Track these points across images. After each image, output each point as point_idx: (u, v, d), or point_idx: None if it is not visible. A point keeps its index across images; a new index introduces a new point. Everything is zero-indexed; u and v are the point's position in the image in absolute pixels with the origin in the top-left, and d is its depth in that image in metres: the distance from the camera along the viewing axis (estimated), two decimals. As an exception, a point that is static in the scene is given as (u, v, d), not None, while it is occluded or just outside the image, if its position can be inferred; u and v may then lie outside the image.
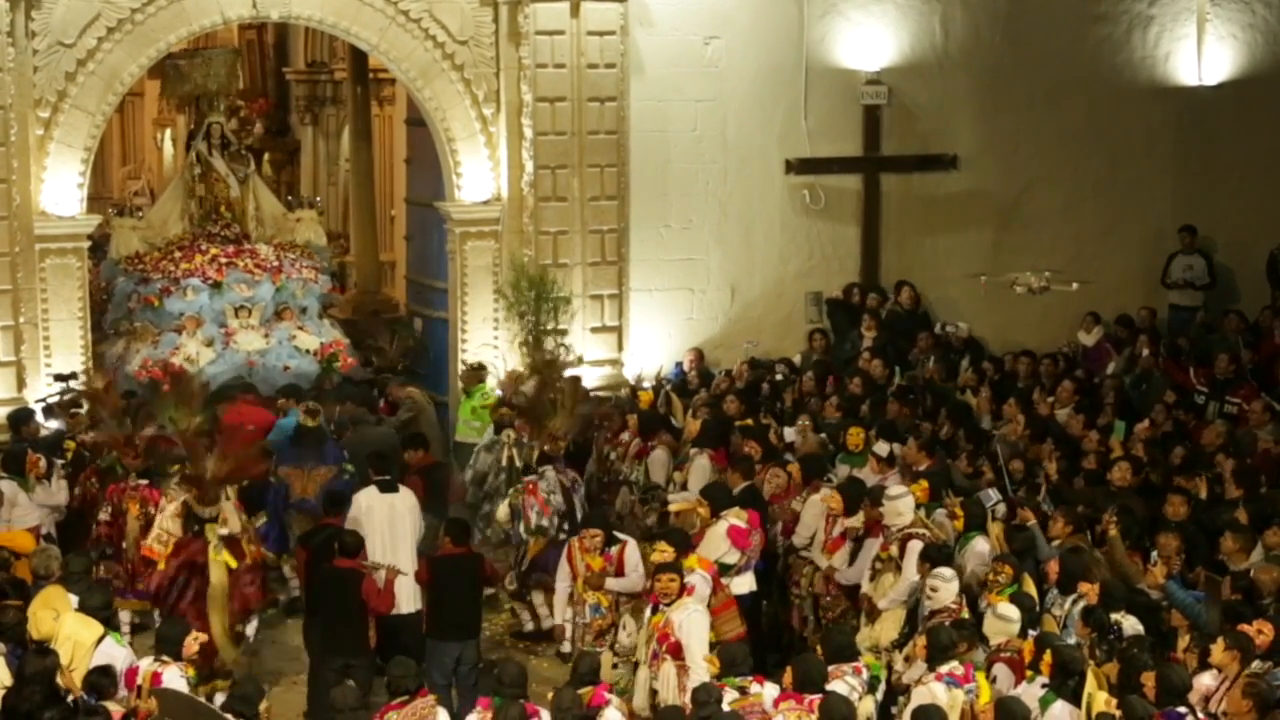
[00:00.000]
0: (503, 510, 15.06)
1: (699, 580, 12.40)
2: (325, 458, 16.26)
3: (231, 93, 23.89)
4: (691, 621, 11.73)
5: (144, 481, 14.66)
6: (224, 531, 13.11)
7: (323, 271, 20.38)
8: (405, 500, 14.30)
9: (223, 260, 19.47)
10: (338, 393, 17.87)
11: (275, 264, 19.66)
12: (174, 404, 14.27)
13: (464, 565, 13.33)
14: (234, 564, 13.00)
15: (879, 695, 11.31)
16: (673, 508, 14.63)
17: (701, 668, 11.51)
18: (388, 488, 14.28)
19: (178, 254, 19.65)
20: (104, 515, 14.74)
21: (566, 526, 14.71)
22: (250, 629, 13.50)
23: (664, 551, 12.51)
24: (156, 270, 19.44)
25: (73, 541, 14.75)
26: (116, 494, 14.71)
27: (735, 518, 13.45)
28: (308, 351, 19.10)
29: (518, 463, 15.54)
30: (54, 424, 16.75)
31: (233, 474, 13.40)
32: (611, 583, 13.08)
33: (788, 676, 10.83)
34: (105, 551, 14.65)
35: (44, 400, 17.10)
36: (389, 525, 14.03)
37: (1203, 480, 14.43)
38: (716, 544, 13.38)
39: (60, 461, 15.32)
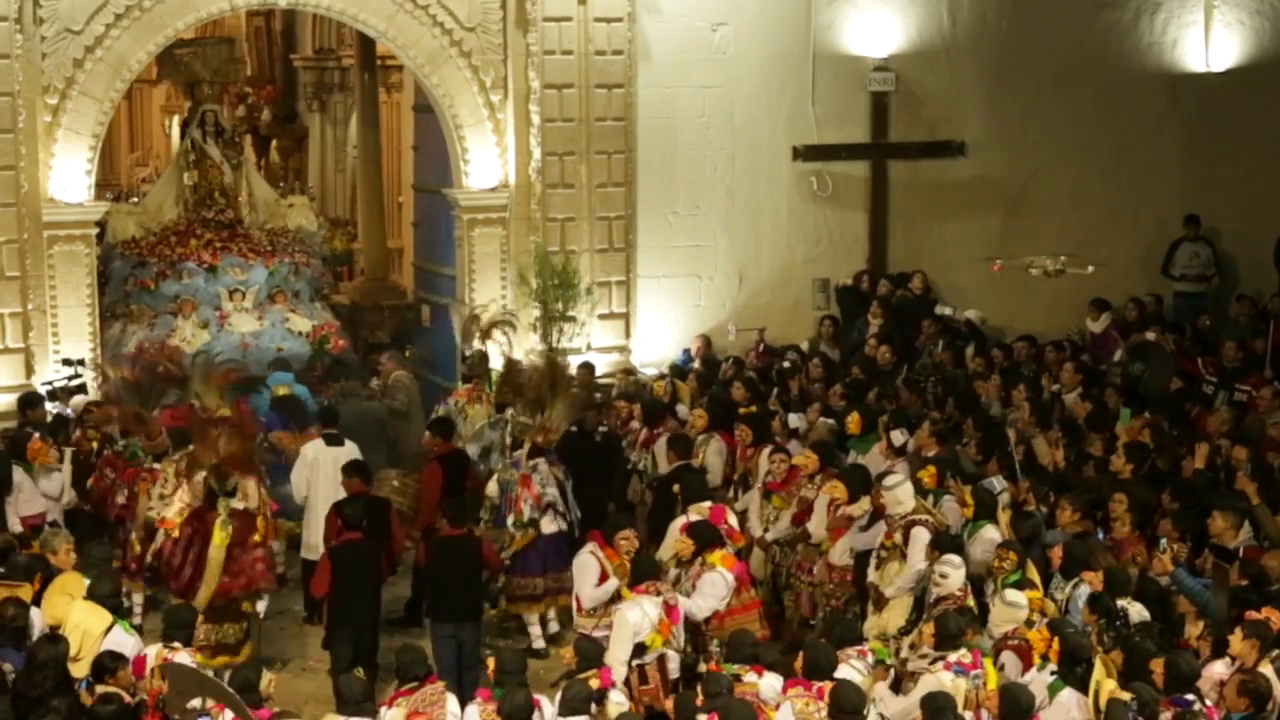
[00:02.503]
0: (491, 486, 15.04)
1: (716, 578, 12.42)
2: (308, 420, 16.51)
3: (238, 79, 24.00)
4: (617, 615, 11.78)
5: (158, 465, 14.71)
6: (240, 505, 13.26)
7: (314, 256, 20.74)
8: (349, 453, 15.02)
9: (217, 245, 19.82)
10: (329, 374, 18.16)
11: (268, 249, 20.02)
12: (201, 384, 14.48)
13: (462, 547, 13.37)
14: (225, 541, 13.06)
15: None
16: (677, 489, 14.65)
17: (614, 662, 11.41)
18: (333, 441, 15.16)
19: (173, 239, 19.95)
20: (121, 499, 14.83)
21: (563, 524, 14.68)
22: (261, 606, 13.59)
23: (684, 545, 12.48)
24: (153, 254, 19.76)
25: (86, 530, 14.78)
26: (132, 477, 14.79)
27: (695, 513, 13.32)
28: (300, 334, 19.38)
29: (515, 437, 15.78)
30: (54, 408, 16.81)
31: (237, 457, 13.57)
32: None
33: (798, 663, 10.85)
34: (121, 531, 14.74)
35: (50, 384, 17.15)
36: (332, 475, 14.62)
37: (1203, 448, 14.44)
38: (671, 539, 13.28)
39: (70, 449, 15.33)
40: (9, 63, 17.19)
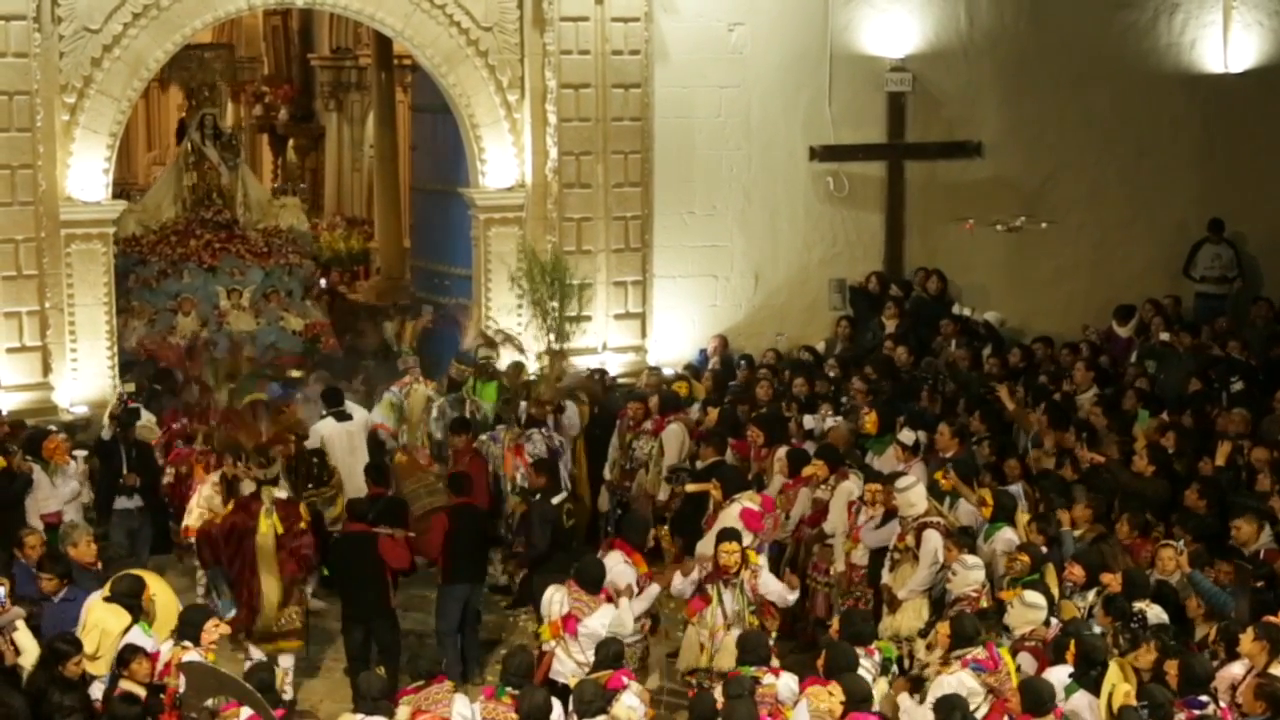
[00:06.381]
0: None
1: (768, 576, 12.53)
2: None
3: (251, 80, 24.25)
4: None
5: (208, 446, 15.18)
6: (281, 495, 13.38)
7: (305, 255, 21.43)
8: (357, 422, 16.14)
9: (216, 246, 20.48)
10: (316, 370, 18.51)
11: (264, 250, 20.70)
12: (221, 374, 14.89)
13: (473, 514, 13.92)
14: (280, 529, 13.14)
15: (891, 678, 11.33)
16: (690, 488, 14.65)
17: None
18: (342, 417, 16.02)
19: (174, 238, 20.54)
20: (168, 478, 15.25)
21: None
22: (309, 589, 13.77)
23: (731, 552, 12.40)
24: (154, 253, 20.37)
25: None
26: (180, 458, 15.25)
27: (749, 500, 13.36)
28: (294, 332, 19.95)
29: (479, 415, 16.41)
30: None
31: (283, 434, 14.36)
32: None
33: (820, 661, 10.86)
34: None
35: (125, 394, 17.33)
36: (348, 447, 15.82)
37: (1225, 446, 14.40)
38: (727, 525, 13.22)
39: (84, 452, 15.40)
40: (27, 62, 17.21)
